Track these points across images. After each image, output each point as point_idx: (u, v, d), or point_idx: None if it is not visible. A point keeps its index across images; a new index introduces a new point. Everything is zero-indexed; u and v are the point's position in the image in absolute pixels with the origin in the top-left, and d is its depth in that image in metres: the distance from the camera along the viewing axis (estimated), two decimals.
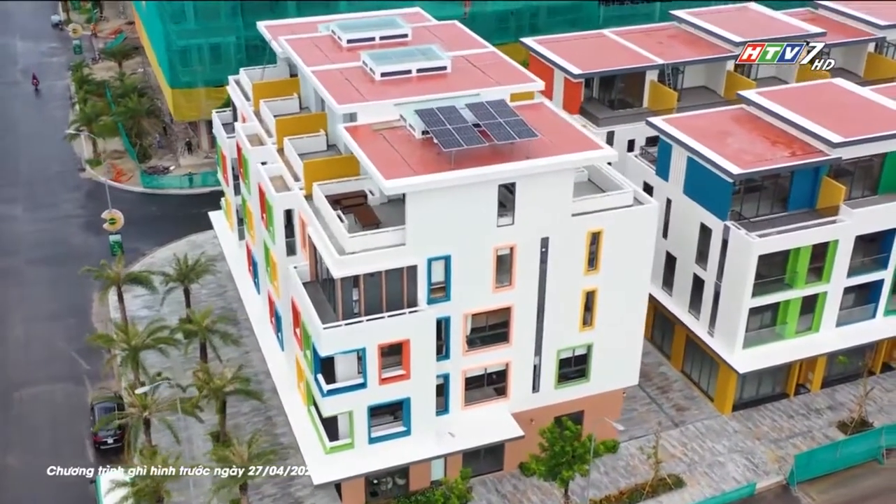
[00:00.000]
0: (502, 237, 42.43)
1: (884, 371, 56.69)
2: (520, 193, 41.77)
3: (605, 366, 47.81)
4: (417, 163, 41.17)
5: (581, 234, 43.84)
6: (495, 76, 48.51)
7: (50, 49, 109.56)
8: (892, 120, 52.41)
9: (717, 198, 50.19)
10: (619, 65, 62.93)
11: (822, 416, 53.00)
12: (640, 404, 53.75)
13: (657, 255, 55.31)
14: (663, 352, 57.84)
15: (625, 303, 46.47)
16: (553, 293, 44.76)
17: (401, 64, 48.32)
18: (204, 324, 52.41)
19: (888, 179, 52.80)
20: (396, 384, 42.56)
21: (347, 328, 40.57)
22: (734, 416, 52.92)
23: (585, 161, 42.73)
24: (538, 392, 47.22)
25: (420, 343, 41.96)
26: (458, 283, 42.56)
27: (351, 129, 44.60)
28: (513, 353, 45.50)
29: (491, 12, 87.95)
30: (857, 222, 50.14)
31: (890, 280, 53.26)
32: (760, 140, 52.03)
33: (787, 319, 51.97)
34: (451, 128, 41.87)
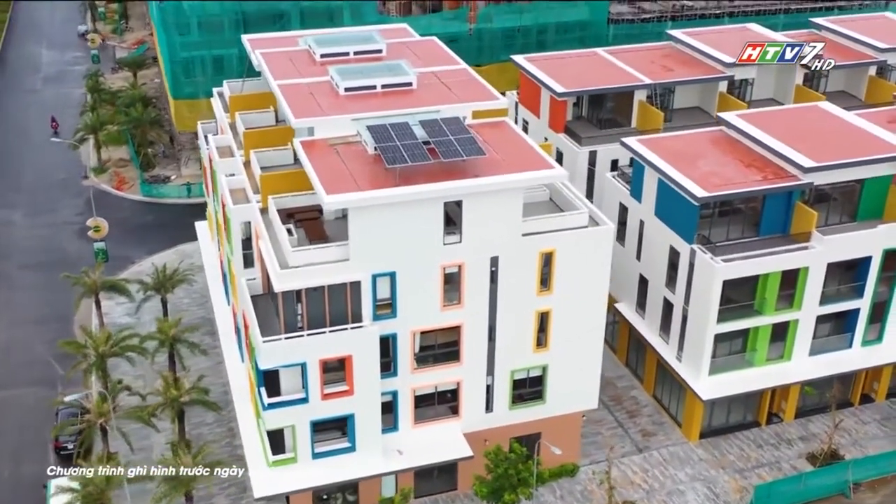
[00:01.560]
0: (450, 255, 42.13)
1: (863, 402, 55.20)
2: (467, 212, 41.45)
3: (562, 388, 47.17)
4: (363, 178, 41.10)
5: (532, 255, 43.37)
6: (460, 93, 48.37)
7: (73, 58, 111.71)
8: (871, 146, 51.23)
9: (685, 221, 49.39)
10: (606, 84, 62.49)
11: (792, 447, 51.72)
12: (607, 428, 52.93)
13: (631, 278, 54.97)
14: (637, 375, 56.97)
15: (581, 325, 45.83)
16: (505, 313, 44.31)
17: (366, 79, 48.42)
18: (171, 333, 52.72)
19: (867, 206, 51.58)
20: (340, 400, 42.41)
21: (288, 342, 40.57)
22: (701, 443, 51.87)
23: (533, 181, 42.35)
24: (492, 412, 46.70)
25: (363, 359, 41.78)
26: (404, 300, 42.32)
27: (307, 143, 44.70)
28: (464, 372, 45.09)
29: (497, 29, 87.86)
30: (828, 249, 48.98)
31: (867, 309, 51.91)
32: (734, 163, 51.14)
33: (757, 346, 50.86)
34: (400, 144, 41.74)
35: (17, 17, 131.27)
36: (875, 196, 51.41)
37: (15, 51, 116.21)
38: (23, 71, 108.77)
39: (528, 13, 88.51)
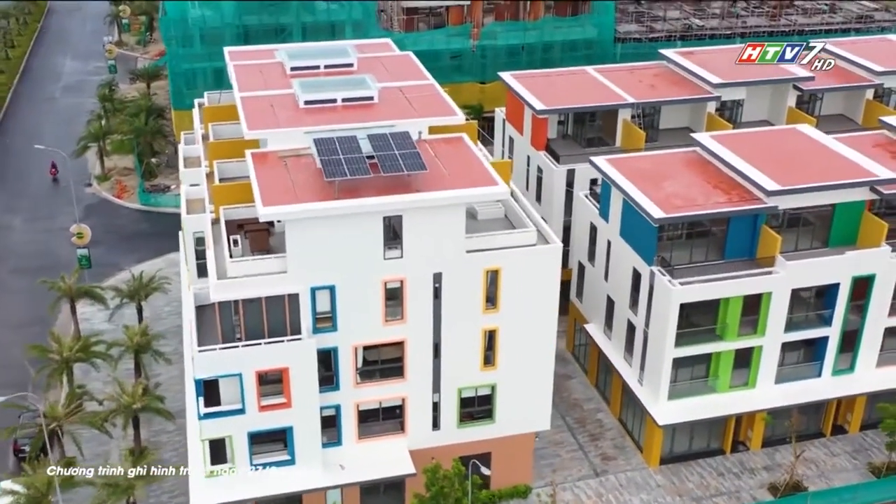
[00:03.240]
0: (391, 270, 41.93)
1: (835, 433, 53.72)
2: (407, 227, 41.24)
3: (513, 408, 46.59)
4: (305, 191, 41.13)
5: (477, 272, 42.98)
6: (419, 109, 48.23)
7: (95, 68, 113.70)
8: (844, 171, 50.04)
9: (645, 242, 48.69)
10: (588, 102, 61.99)
11: (755, 477, 50.48)
12: (567, 450, 52.20)
13: (600, 298, 54.30)
14: (605, 398, 56.12)
15: (530, 344, 45.29)
16: (450, 330, 43.95)
17: (327, 93, 48.51)
18: (135, 340, 53.17)
19: (838, 232, 50.38)
20: (277, 412, 42.32)
21: (223, 352, 40.65)
22: (661, 469, 50.86)
23: (472, 198, 41.97)
24: (440, 430, 46.28)
25: (301, 372, 41.68)
26: (344, 314, 42.20)
27: (258, 155, 44.90)
28: (409, 388, 44.78)
29: (501, 46, 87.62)
30: (791, 275, 47.87)
31: (836, 337, 50.58)
32: (701, 184, 50.32)
33: (720, 373, 49.83)
34: (343, 157, 41.72)
35: (48, 26, 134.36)
36: (847, 222, 50.21)
37: (40, 60, 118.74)
38: (44, 79, 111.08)
39: (533, 31, 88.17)
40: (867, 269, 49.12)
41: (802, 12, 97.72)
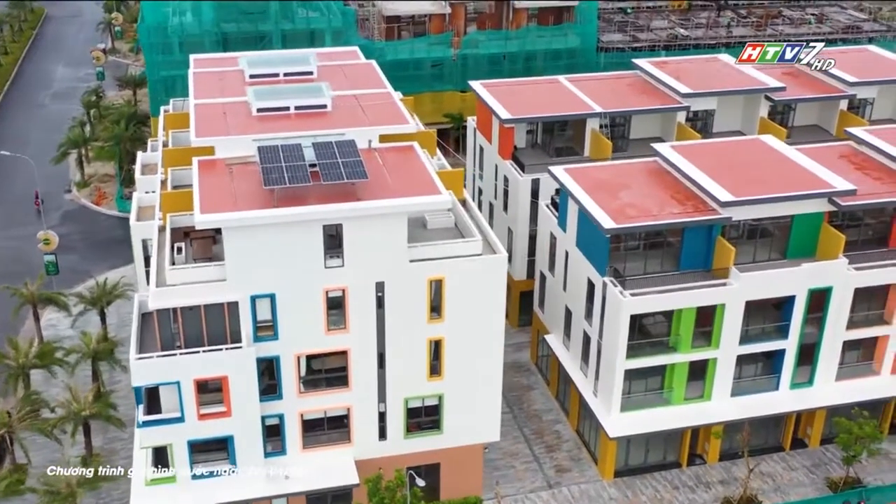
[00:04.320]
0: (332, 279, 41.69)
1: (795, 447, 53.10)
2: (347, 235, 41.01)
3: (461, 418, 46.22)
4: (245, 199, 40.98)
5: (420, 281, 42.70)
6: (371, 117, 48.08)
7: (86, 75, 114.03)
8: (801, 182, 49.57)
9: (598, 252, 48.31)
10: (555, 112, 61.69)
11: (710, 491, 49.92)
12: (522, 462, 51.77)
13: (559, 309, 53.96)
14: (565, 409, 55.68)
15: (477, 354, 44.92)
16: (394, 339, 43.67)
17: (280, 101, 48.48)
18: (91, 347, 53.12)
19: (797, 244, 49.90)
20: (217, 421, 42.11)
21: (160, 360, 40.48)
22: (616, 482, 50.37)
23: (412, 207, 41.60)
24: (386, 440, 45.97)
25: (240, 380, 41.47)
26: (286, 323, 41.97)
27: (205, 162, 44.79)
28: (353, 398, 44.51)
29: (483, 55, 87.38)
30: (744, 287, 47.38)
31: (794, 350, 50.03)
32: (658, 195, 49.91)
33: (674, 385, 49.36)
34: (285, 165, 41.56)
35: (43, 33, 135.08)
36: (805, 234, 49.71)
37: (32, 66, 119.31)
38: (35, 86, 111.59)
39: (515, 40, 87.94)
40: (823, 281, 48.56)
41: (789, 23, 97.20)
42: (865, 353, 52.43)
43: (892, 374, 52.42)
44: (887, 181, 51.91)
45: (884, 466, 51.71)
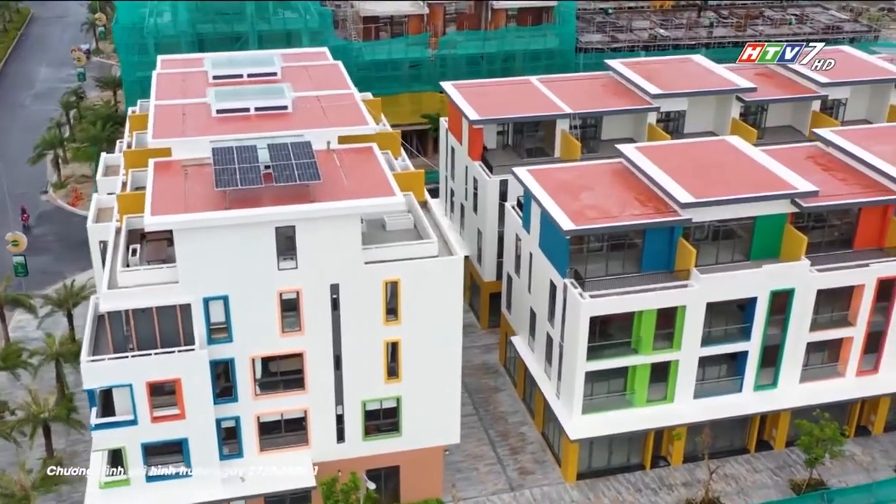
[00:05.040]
0: (286, 281, 41.51)
1: (761, 449, 52.90)
2: (300, 237, 40.82)
3: (420, 421, 46.04)
4: (197, 201, 40.79)
5: (376, 283, 42.52)
6: (333, 118, 47.92)
7: (68, 76, 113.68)
8: (764, 183, 49.39)
9: (559, 254, 48.14)
10: (524, 112, 61.53)
11: (672, 493, 49.73)
12: (485, 464, 51.56)
13: (525, 311, 53.80)
14: (531, 411, 55.47)
15: (435, 357, 44.73)
16: (350, 342, 43.49)
17: (240, 102, 48.30)
18: (54, 349, 52.94)
19: (760, 245, 49.71)
20: (171, 423, 41.92)
21: (111, 363, 40.25)
22: (578, 484, 50.18)
23: (365, 208, 41.37)
24: (344, 443, 45.77)
25: (194, 383, 41.25)
26: (240, 325, 41.78)
27: (161, 164, 44.63)
28: (310, 400, 44.32)
29: (461, 55, 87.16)
30: (705, 288, 47.19)
31: (757, 352, 49.83)
32: (621, 196, 49.73)
33: (636, 387, 49.17)
34: (238, 167, 41.37)
35: (28, 33, 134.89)
36: (769, 235, 49.52)
37: (15, 67, 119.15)
38: (17, 87, 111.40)
39: (494, 40, 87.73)
40: (785, 283, 48.37)
41: (770, 23, 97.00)
42: (830, 355, 52.23)
43: (857, 376, 52.23)
44: (851, 182, 51.77)
45: (849, 468, 51.54)
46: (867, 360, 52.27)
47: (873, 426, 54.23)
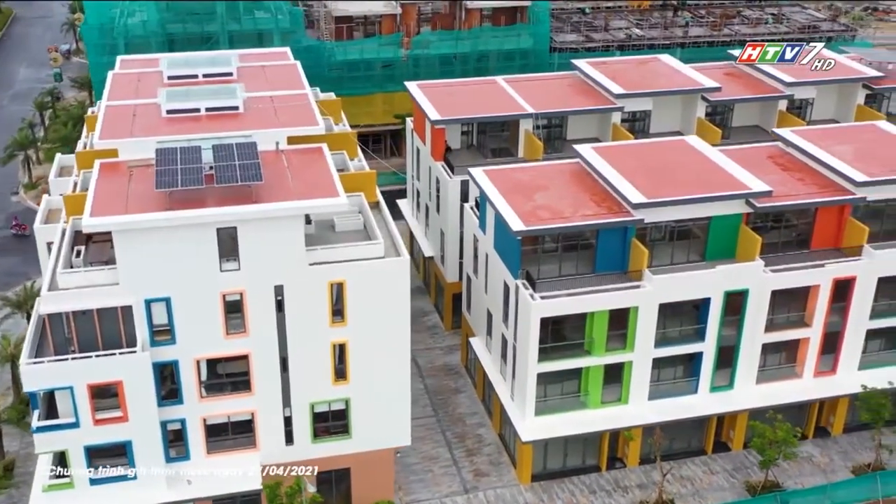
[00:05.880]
0: (229, 282, 41.23)
1: (718, 451, 52.64)
2: (242, 239, 40.53)
3: (369, 423, 45.77)
4: (139, 202, 40.51)
5: (321, 285, 42.25)
6: (284, 119, 47.65)
7: (47, 76, 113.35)
8: (719, 183, 49.12)
9: (511, 255, 47.88)
10: (486, 113, 61.28)
11: (627, 495, 49.47)
12: (440, 466, 51.30)
13: (483, 312, 53.53)
14: (490, 412, 55.19)
15: (383, 358, 44.46)
16: (296, 343, 43.21)
17: (190, 102, 48.04)
18: (8, 351, 52.68)
19: (714, 245, 49.49)
20: (114, 426, 41.64)
21: (51, 365, 39.98)
22: (533, 486, 49.91)
23: (308, 209, 41.16)
24: (293, 445, 45.49)
25: (136, 385, 40.99)
26: (183, 327, 41.49)
27: (107, 165, 44.36)
28: (257, 402, 44.03)
29: (434, 55, 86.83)
30: (657, 289, 46.93)
31: (712, 353, 49.56)
32: (575, 197, 49.49)
33: (590, 388, 48.91)
34: (180, 168, 41.10)
35: (10, 33, 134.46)
36: (724, 235, 49.29)
37: None
38: None
39: (467, 40, 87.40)
40: (739, 283, 48.11)
41: (747, 22, 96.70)
42: (788, 356, 51.98)
43: (814, 377, 51.97)
44: (808, 182, 51.53)
45: (806, 470, 51.30)
46: (825, 361, 52.02)
47: (832, 427, 53.95)
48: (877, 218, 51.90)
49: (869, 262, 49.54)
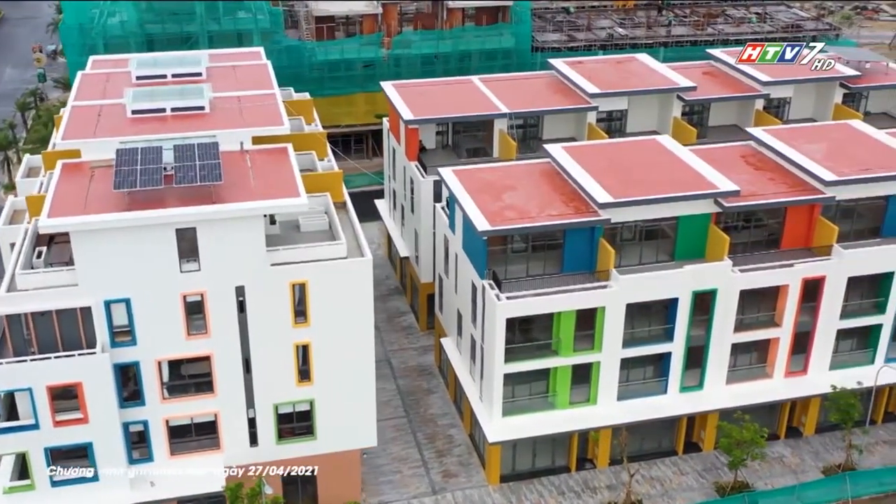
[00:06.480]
0: (189, 283, 41.05)
1: (689, 451, 52.45)
2: (202, 239, 40.36)
3: (335, 424, 45.60)
4: (98, 203, 40.31)
5: (283, 285, 42.08)
6: (249, 119, 47.41)
7: (32, 77, 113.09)
8: (688, 183, 48.96)
9: (478, 255, 47.69)
10: (459, 112, 61.10)
11: (595, 496, 49.27)
12: (410, 467, 51.09)
13: (453, 312, 53.34)
14: (461, 413, 54.98)
15: (347, 359, 44.29)
16: (259, 344, 43.04)
17: (156, 102, 47.80)
18: None
19: (683, 245, 49.31)
20: (75, 427, 41.48)
21: (8, 367, 39.81)
22: (501, 487, 49.70)
23: (267, 209, 40.96)
24: (258, 446, 45.31)
25: (96, 387, 40.83)
26: (144, 328, 41.33)
27: (70, 165, 44.19)
28: (220, 403, 43.86)
29: (416, 55, 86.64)
30: (624, 289, 46.74)
31: (681, 353, 49.39)
32: (544, 197, 49.28)
33: (558, 389, 48.72)
34: (140, 168, 40.93)
35: None
36: (693, 235, 49.11)
37: None
38: None
39: (449, 39, 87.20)
40: (707, 283, 47.92)
41: (730, 21, 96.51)
42: (759, 356, 51.78)
43: (785, 377, 51.78)
44: (779, 181, 51.35)
45: (776, 470, 51.11)
46: (796, 361, 51.84)
47: (805, 428, 53.76)
48: (848, 217, 51.80)
49: (838, 262, 49.35)
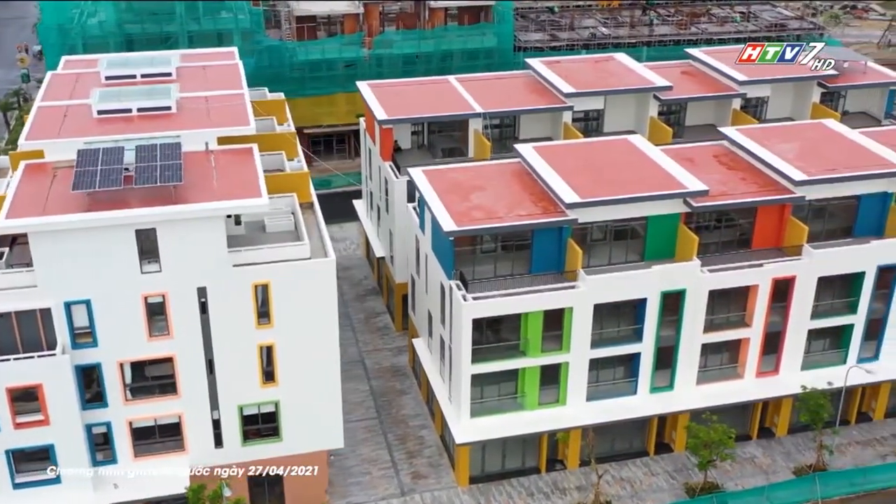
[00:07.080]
0: (150, 284, 40.85)
1: (661, 452, 52.27)
2: (163, 240, 40.17)
3: (300, 425, 45.42)
4: (59, 203, 40.11)
5: (245, 286, 41.89)
6: (216, 119, 47.23)
7: (16, 77, 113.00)
8: (657, 183, 48.78)
9: (445, 255, 47.51)
10: (434, 112, 60.90)
11: (565, 497, 49.09)
12: (379, 468, 50.90)
13: (425, 313, 53.17)
14: (433, 414, 54.80)
15: (312, 360, 44.10)
16: (222, 345, 42.84)
17: (122, 103, 47.63)
18: None
19: (653, 245, 49.14)
20: (36, 429, 41.29)
21: None
22: (470, 489, 49.51)
23: (227, 210, 40.76)
24: (223, 448, 45.12)
25: (57, 388, 40.64)
26: (104, 330, 41.12)
27: (33, 166, 43.99)
28: (183, 405, 43.66)
29: (397, 55, 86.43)
30: (591, 290, 46.55)
31: (650, 354, 49.22)
32: (512, 197, 49.09)
33: (527, 390, 48.53)
34: (100, 169, 40.74)
35: None
36: (662, 235, 48.95)
37: None
38: None
39: (431, 39, 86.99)
40: (675, 284, 47.74)
41: (714, 21, 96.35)
42: (729, 357, 51.61)
43: (756, 377, 51.60)
44: (750, 181, 51.16)
45: (747, 471, 50.95)
46: (767, 362, 51.67)
47: (777, 428, 53.58)
48: (820, 217, 51.65)
49: (808, 262, 49.18)
